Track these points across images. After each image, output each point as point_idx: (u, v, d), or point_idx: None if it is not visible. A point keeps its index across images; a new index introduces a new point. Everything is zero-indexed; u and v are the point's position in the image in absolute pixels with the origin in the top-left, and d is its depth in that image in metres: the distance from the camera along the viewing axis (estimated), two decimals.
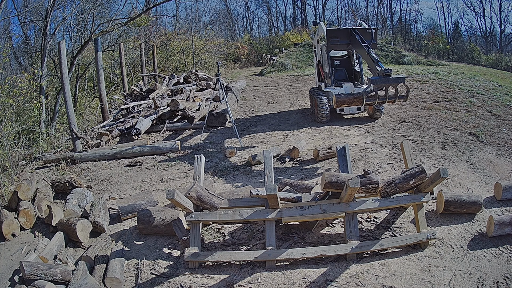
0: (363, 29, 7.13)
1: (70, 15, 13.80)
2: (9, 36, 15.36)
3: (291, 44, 23.14)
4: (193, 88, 10.27)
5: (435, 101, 8.79)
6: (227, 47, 23.50)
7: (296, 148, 6.07)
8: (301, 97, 10.61)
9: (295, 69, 16.77)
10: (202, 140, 7.36)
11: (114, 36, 15.86)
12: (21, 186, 4.64)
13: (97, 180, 5.80)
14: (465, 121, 7.28)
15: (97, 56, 8.95)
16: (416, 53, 20.76)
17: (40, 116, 10.51)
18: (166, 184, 5.47)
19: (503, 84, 10.44)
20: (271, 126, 8.09)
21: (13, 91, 7.54)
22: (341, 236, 3.83)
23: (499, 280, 3.16)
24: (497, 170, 5.19)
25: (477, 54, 23.93)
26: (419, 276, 3.22)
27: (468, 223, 3.92)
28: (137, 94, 10.48)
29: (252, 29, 37.63)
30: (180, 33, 20.71)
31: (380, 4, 33.09)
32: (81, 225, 3.98)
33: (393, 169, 5.33)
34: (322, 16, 34.47)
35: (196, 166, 4.04)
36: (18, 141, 6.95)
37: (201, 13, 28.94)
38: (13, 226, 4.18)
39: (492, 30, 30.48)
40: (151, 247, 3.89)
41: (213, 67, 17.85)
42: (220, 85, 7.36)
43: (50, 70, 13.56)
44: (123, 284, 3.38)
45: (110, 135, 7.67)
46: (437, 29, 31.88)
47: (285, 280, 3.27)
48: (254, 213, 3.65)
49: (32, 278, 3.26)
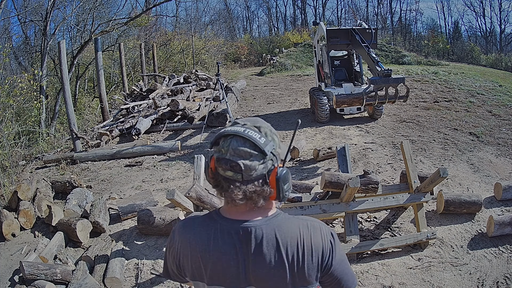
0: (363, 29, 7.13)
1: (70, 15, 13.81)
2: (9, 36, 15.37)
3: (291, 44, 23.14)
4: (193, 88, 10.27)
5: (435, 101, 8.79)
6: (227, 47, 23.50)
7: (296, 148, 6.07)
8: (301, 97, 10.61)
9: (295, 69, 16.77)
10: (202, 140, 7.36)
11: (114, 36, 15.87)
12: (21, 186, 4.64)
13: (97, 180, 5.81)
14: (465, 121, 7.28)
15: (97, 56, 8.95)
16: (416, 53, 20.77)
17: (40, 116, 10.51)
18: (166, 184, 5.47)
19: (503, 84, 10.44)
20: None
21: (13, 91, 7.54)
22: (341, 236, 3.83)
23: (499, 280, 3.16)
24: (497, 170, 5.19)
25: (477, 54, 23.94)
26: (419, 276, 3.22)
27: (468, 223, 3.92)
28: (137, 94, 10.48)
29: (252, 29, 37.67)
30: (180, 33, 20.71)
31: (380, 4, 33.11)
32: (81, 225, 3.98)
33: (393, 169, 5.33)
34: (322, 16, 34.49)
35: (196, 166, 4.03)
36: (18, 141, 6.95)
37: (201, 13, 28.97)
38: (13, 226, 4.18)
39: (492, 30, 30.51)
40: (151, 247, 3.89)
41: (213, 67, 17.84)
42: (220, 85, 7.36)
43: (50, 70, 13.57)
44: (123, 284, 3.38)
45: (110, 135, 7.67)
46: (437, 29, 31.91)
47: None
48: None
49: (32, 278, 3.25)
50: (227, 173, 1.07)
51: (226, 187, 1.08)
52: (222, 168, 1.07)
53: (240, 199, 1.07)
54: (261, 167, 1.06)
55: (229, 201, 1.10)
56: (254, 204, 1.09)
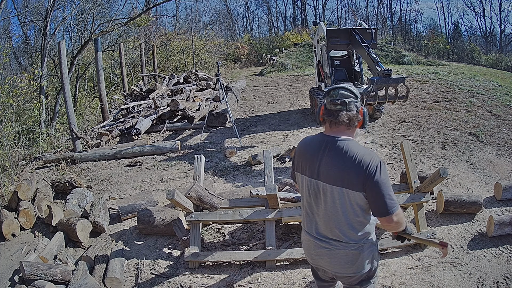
0: (363, 29, 7.12)
1: (70, 15, 13.82)
2: (9, 36, 15.37)
3: (291, 44, 23.14)
4: (193, 88, 10.27)
5: (435, 101, 8.79)
6: (227, 47, 23.50)
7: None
8: (301, 97, 10.61)
9: (295, 69, 16.77)
10: (202, 140, 7.36)
11: (114, 36, 15.88)
12: (21, 186, 4.64)
13: (97, 180, 5.80)
14: (465, 121, 7.28)
15: (97, 56, 8.95)
16: (416, 53, 20.77)
17: (40, 116, 10.52)
18: (166, 184, 5.47)
19: (503, 84, 10.44)
20: (271, 126, 8.09)
21: (13, 91, 7.54)
22: None
23: (499, 280, 3.16)
24: (497, 170, 5.19)
25: (477, 54, 23.94)
26: (419, 276, 3.22)
27: (468, 223, 3.92)
28: (137, 94, 10.48)
29: (252, 29, 37.67)
30: (180, 33, 20.71)
31: (380, 4, 33.12)
32: (81, 225, 3.98)
33: (393, 169, 5.33)
34: (322, 16, 34.50)
35: (196, 166, 4.03)
36: (18, 141, 6.95)
37: (201, 13, 28.95)
38: (13, 226, 4.18)
39: (492, 30, 30.51)
40: (151, 247, 3.89)
41: (213, 67, 17.84)
42: (220, 85, 7.36)
43: (50, 70, 13.57)
44: (123, 284, 3.38)
45: (110, 135, 7.67)
46: (437, 29, 31.91)
47: (285, 280, 3.27)
48: (254, 213, 3.65)
49: (32, 278, 3.25)
50: (337, 107, 1.82)
51: (336, 115, 1.82)
52: (334, 104, 1.83)
53: (344, 120, 1.81)
54: (355, 103, 1.84)
55: (334, 124, 1.85)
56: (351, 124, 1.83)
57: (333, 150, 1.80)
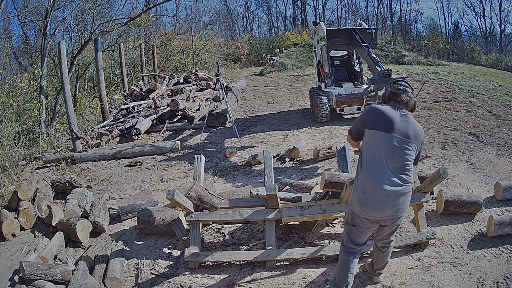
0: (363, 29, 7.13)
1: (70, 15, 13.82)
2: (9, 36, 15.37)
3: (291, 44, 23.15)
4: (193, 88, 10.27)
5: (435, 101, 8.80)
6: (227, 47, 23.50)
7: (296, 148, 6.07)
8: (301, 97, 10.61)
9: (295, 69, 16.78)
10: (202, 140, 7.36)
11: (114, 36, 15.88)
12: (21, 186, 4.64)
13: (97, 180, 5.80)
14: (465, 121, 7.28)
15: (97, 56, 8.95)
16: (416, 53, 20.78)
17: (40, 116, 10.52)
18: (166, 184, 5.47)
19: (503, 84, 10.44)
20: (271, 126, 8.09)
21: (13, 91, 7.54)
22: (341, 236, 3.83)
23: (499, 280, 3.16)
24: (497, 170, 5.19)
25: (477, 54, 23.96)
26: (419, 276, 3.22)
27: (468, 223, 3.92)
28: (137, 94, 10.48)
29: (252, 29, 37.71)
30: (180, 33, 20.71)
31: (380, 4, 33.14)
32: (81, 225, 3.98)
33: None
34: (322, 16, 34.52)
35: (196, 166, 4.03)
36: (18, 141, 6.95)
37: (201, 13, 28.96)
38: (13, 226, 4.18)
39: (492, 30, 30.52)
40: (151, 247, 3.89)
41: (213, 67, 17.84)
42: (220, 85, 7.36)
43: (50, 70, 13.58)
44: (123, 284, 3.38)
45: (110, 135, 7.67)
46: (437, 29, 31.92)
47: (285, 280, 3.27)
48: (254, 213, 3.65)
49: (32, 278, 3.25)
50: (400, 91, 2.70)
51: (399, 95, 2.69)
52: (397, 89, 2.71)
53: (403, 99, 2.68)
54: (411, 92, 2.73)
55: (398, 102, 2.69)
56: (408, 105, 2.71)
57: (405, 116, 2.63)
